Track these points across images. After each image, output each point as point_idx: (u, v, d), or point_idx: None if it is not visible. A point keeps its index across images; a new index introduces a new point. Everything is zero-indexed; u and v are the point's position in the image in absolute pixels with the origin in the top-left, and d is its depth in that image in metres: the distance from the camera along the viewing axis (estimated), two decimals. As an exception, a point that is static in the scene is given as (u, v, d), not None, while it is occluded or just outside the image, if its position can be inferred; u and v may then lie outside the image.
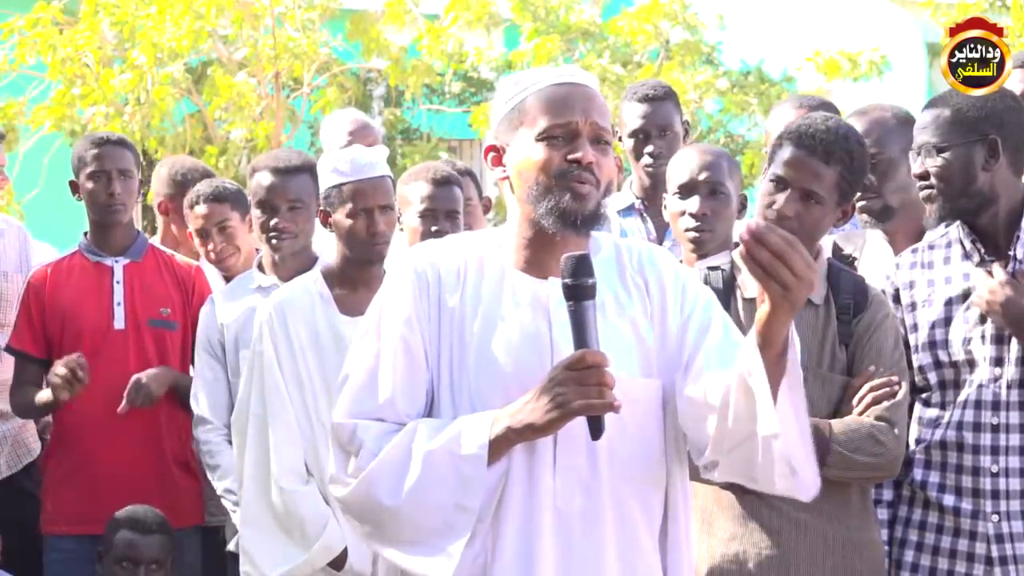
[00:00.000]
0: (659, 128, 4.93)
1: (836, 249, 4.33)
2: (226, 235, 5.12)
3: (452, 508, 2.69)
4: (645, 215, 4.97)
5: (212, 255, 5.13)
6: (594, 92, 2.83)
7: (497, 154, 2.86)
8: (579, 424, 2.68)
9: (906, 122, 4.12)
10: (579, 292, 2.67)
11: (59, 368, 4.55)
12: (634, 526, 2.79)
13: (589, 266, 2.69)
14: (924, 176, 3.68)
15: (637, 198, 5.01)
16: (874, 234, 4.24)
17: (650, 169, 4.91)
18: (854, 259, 4.27)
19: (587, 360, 2.63)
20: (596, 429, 2.68)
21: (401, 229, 4.49)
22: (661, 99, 4.97)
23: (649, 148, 4.92)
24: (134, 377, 4.68)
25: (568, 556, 2.74)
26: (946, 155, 3.64)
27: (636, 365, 2.80)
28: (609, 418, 2.67)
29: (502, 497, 2.73)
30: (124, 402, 4.65)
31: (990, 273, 3.63)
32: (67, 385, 4.54)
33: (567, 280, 2.68)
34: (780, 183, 3.55)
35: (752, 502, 3.49)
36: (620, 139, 5.09)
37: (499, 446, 2.69)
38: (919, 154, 3.70)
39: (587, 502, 2.75)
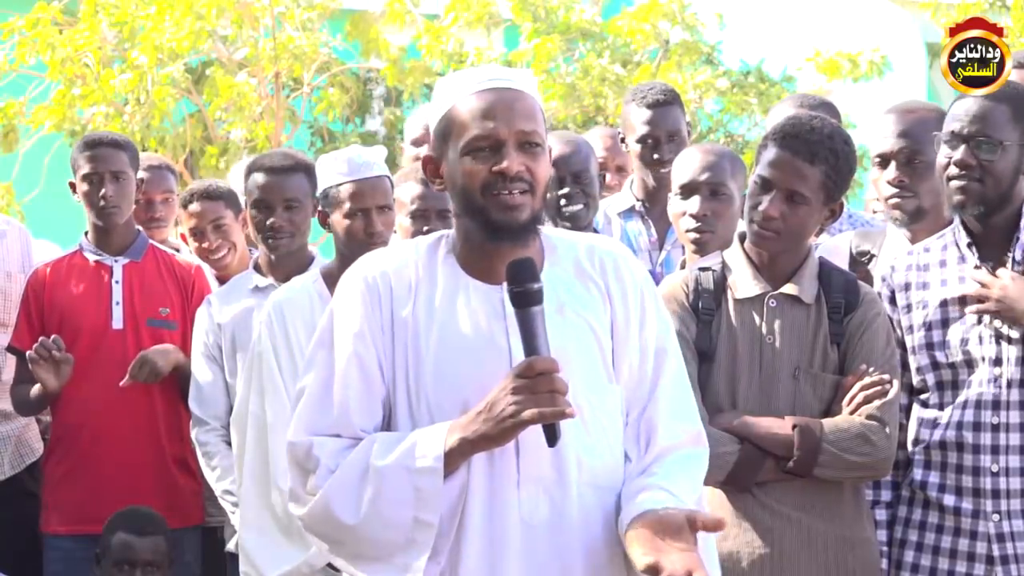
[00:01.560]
0: (668, 134, 4.93)
1: (853, 246, 4.29)
2: (221, 232, 5.12)
3: (411, 523, 2.64)
4: (646, 217, 4.97)
5: (207, 254, 5.13)
6: (517, 95, 2.72)
7: (434, 165, 2.79)
8: (541, 434, 2.63)
9: None
10: (524, 298, 2.63)
11: (30, 354, 4.58)
12: (603, 535, 2.73)
13: (532, 270, 2.65)
14: (967, 166, 3.60)
15: (638, 200, 5.00)
16: (895, 232, 4.17)
17: (658, 174, 4.91)
18: (872, 256, 4.23)
19: (536, 367, 2.59)
20: (552, 436, 2.63)
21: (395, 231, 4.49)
22: (668, 104, 4.97)
23: (657, 155, 4.92)
24: (140, 352, 4.67)
25: (535, 568, 2.69)
26: (1005, 151, 3.59)
27: (598, 369, 2.75)
28: (573, 424, 2.64)
29: (464, 510, 2.68)
30: (127, 376, 4.64)
31: (993, 274, 3.61)
32: (48, 367, 4.56)
33: (512, 286, 2.64)
34: (765, 184, 3.54)
35: (745, 500, 3.50)
36: (623, 141, 5.09)
37: (454, 458, 2.64)
38: (965, 143, 3.61)
39: (553, 512, 2.70)
